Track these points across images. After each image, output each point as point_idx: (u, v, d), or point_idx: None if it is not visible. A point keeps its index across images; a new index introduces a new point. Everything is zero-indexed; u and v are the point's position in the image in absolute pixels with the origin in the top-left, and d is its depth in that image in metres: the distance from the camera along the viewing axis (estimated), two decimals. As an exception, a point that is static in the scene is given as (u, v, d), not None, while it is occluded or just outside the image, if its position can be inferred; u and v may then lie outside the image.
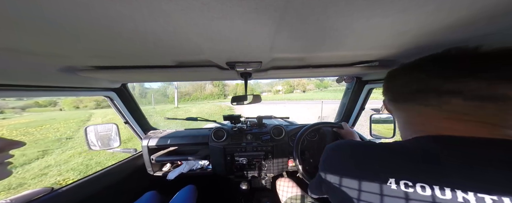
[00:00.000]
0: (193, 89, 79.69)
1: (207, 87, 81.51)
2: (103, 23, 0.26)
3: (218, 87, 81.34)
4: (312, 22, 0.29)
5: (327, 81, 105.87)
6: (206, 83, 79.71)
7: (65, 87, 0.78)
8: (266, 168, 1.29)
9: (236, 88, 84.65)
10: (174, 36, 0.33)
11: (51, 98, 71.67)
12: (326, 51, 0.48)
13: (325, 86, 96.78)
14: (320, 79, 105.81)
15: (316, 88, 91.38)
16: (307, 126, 1.04)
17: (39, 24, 0.26)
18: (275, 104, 25.30)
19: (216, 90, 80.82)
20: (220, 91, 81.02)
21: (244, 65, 0.58)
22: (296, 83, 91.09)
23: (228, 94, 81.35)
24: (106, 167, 1.08)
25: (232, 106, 1.30)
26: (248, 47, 0.42)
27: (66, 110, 54.67)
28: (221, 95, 78.51)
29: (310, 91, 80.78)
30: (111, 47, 0.39)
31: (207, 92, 79.08)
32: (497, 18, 0.28)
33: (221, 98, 72.78)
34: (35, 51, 0.38)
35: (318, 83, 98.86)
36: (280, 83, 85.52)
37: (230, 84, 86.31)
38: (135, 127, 1.29)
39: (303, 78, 7.10)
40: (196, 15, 0.25)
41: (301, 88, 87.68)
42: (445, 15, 0.27)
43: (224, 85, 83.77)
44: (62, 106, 67.18)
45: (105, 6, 0.22)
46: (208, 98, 74.66)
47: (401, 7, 0.24)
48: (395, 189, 0.30)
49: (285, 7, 0.23)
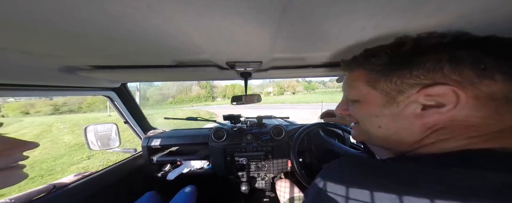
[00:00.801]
0: (178, 91, 73.92)
1: (193, 88, 75.62)
2: (103, 23, 0.26)
3: (205, 89, 75.88)
4: (312, 22, 0.29)
5: (314, 83, 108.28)
6: (193, 84, 73.35)
7: (64, 87, 0.78)
8: (266, 168, 1.29)
9: (225, 90, 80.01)
10: (174, 36, 0.33)
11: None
12: (326, 51, 0.48)
13: (313, 88, 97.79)
14: (307, 81, 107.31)
15: (305, 90, 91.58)
16: (305, 126, 1.03)
17: (39, 24, 0.26)
18: (267, 109, 23.92)
19: (203, 92, 75.71)
20: (208, 93, 75.61)
21: (244, 65, 0.58)
22: (286, 85, 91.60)
23: (216, 96, 76.81)
24: (106, 167, 1.08)
25: (214, 111, 1.19)
26: (248, 47, 0.42)
27: (10, 117, 39.06)
28: (209, 97, 73.71)
29: (299, 93, 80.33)
30: (111, 47, 0.39)
31: (194, 95, 73.63)
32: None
33: (209, 101, 67.75)
34: (34, 51, 0.38)
35: (307, 85, 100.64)
36: (271, 85, 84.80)
37: (219, 86, 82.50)
38: (135, 127, 1.29)
39: (299, 78, 6.95)
40: (196, 15, 0.25)
41: (291, 90, 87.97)
42: (445, 16, 0.27)
43: (213, 87, 78.95)
44: (5, 112, 51.45)
45: (105, 5, 0.22)
46: (194, 101, 68.94)
47: (402, 7, 0.24)
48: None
49: (285, 7, 0.23)
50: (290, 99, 39.53)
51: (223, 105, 39.71)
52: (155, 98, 42.10)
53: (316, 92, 74.69)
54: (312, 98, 38.40)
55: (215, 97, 76.66)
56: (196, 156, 1.31)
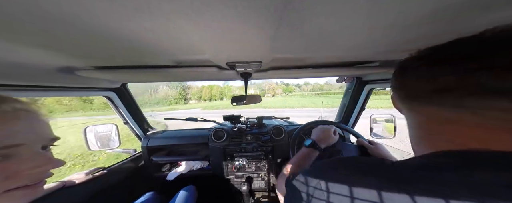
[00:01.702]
0: (141, 91, 62.49)
1: (160, 89, 64.32)
2: (103, 23, 0.26)
3: (176, 89, 65.12)
4: (312, 23, 0.29)
5: (291, 87, 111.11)
6: (160, 85, 62.71)
7: (64, 87, 0.78)
8: (266, 168, 1.29)
9: (201, 91, 71.50)
10: (174, 36, 0.33)
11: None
12: (326, 52, 0.48)
13: (290, 91, 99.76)
14: (285, 84, 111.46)
15: (283, 92, 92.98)
16: (304, 124, 1.03)
17: (38, 24, 0.26)
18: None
19: (173, 93, 65.32)
20: (180, 94, 64.18)
21: (244, 65, 0.58)
22: (267, 88, 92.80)
23: (190, 98, 67.20)
24: (105, 168, 1.08)
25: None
26: (248, 48, 0.42)
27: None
28: (181, 99, 63.01)
29: (278, 95, 79.09)
30: (111, 47, 0.39)
31: (161, 96, 62.75)
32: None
33: (181, 104, 57.30)
34: (34, 51, 0.38)
35: (285, 88, 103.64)
36: (252, 87, 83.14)
37: (194, 87, 74.55)
38: (135, 127, 1.29)
39: (278, 81, 6.90)
40: (196, 15, 0.25)
41: (271, 93, 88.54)
42: (445, 14, 0.27)
43: (186, 88, 68.98)
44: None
45: (105, 5, 0.22)
46: (160, 103, 58.05)
47: (402, 7, 0.24)
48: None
49: (285, 7, 0.23)
50: (272, 103, 33.88)
51: (193, 109, 33.40)
52: (103, 100, 33.63)
53: (294, 95, 73.80)
54: (293, 102, 34.13)
55: (189, 99, 67.68)
56: (196, 156, 1.31)
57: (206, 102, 59.39)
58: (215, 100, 70.44)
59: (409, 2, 0.23)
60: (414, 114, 0.31)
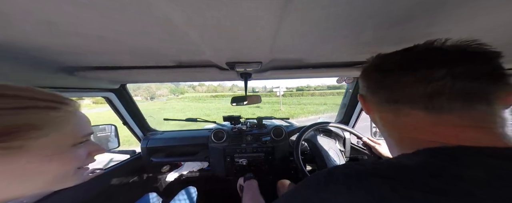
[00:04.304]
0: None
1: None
2: (103, 22, 0.26)
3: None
4: (312, 22, 0.28)
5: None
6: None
7: (63, 88, 0.77)
8: (266, 169, 1.28)
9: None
10: (174, 36, 0.33)
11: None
12: (326, 52, 0.48)
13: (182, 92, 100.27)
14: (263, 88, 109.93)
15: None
16: (307, 126, 1.03)
17: (38, 24, 0.25)
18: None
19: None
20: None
21: (244, 65, 0.58)
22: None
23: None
24: (105, 168, 1.08)
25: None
26: (248, 48, 0.42)
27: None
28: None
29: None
30: (111, 47, 0.39)
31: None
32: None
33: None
34: (33, 52, 0.38)
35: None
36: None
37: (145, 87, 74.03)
38: (134, 128, 1.29)
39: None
40: (196, 15, 0.24)
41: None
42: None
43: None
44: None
45: (105, 5, 0.21)
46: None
47: (402, 8, 0.24)
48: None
49: (285, 7, 0.23)
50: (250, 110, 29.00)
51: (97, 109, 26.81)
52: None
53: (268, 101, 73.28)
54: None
55: (153, 97, 68.23)
56: (196, 157, 1.30)
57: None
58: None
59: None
60: (396, 116, 0.31)
